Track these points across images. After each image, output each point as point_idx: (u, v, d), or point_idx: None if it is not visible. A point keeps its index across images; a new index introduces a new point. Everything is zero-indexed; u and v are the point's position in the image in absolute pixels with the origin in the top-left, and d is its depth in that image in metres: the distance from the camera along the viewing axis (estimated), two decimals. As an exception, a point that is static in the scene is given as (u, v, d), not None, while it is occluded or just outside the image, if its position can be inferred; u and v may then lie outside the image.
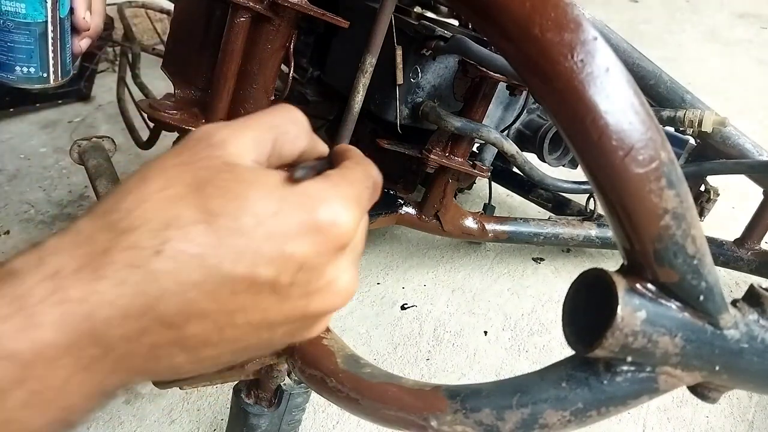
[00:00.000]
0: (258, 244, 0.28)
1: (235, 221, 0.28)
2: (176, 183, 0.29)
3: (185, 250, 0.27)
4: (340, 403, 0.46)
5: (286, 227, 0.29)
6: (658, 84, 1.18)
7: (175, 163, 0.30)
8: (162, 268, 0.27)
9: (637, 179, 0.34)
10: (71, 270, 0.26)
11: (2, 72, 0.65)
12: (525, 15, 0.33)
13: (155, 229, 0.27)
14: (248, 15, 0.67)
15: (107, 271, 0.26)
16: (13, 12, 0.62)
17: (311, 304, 0.31)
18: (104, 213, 0.28)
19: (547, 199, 1.40)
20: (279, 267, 0.29)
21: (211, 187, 0.28)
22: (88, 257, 0.27)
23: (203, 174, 0.29)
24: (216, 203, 0.28)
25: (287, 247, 0.29)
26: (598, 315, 0.37)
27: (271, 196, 0.29)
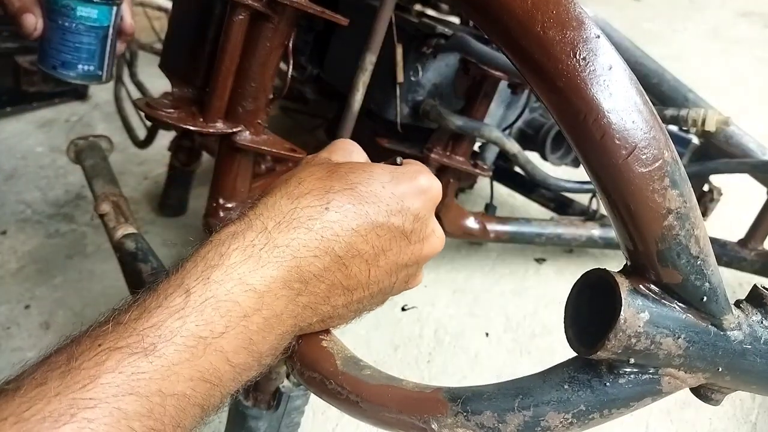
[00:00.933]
0: (387, 200, 0.40)
1: (368, 186, 0.40)
2: (318, 171, 0.41)
3: (343, 206, 0.38)
4: (339, 406, 0.46)
5: (402, 189, 0.41)
6: (661, 83, 1.18)
7: (308, 165, 0.42)
8: (332, 218, 0.38)
9: (640, 179, 0.34)
10: (273, 225, 0.37)
11: (64, 69, 0.72)
12: (526, 12, 0.33)
13: (320, 195, 0.38)
14: (247, 13, 0.67)
15: (297, 224, 0.37)
16: (86, 17, 0.70)
17: (425, 248, 0.44)
18: (278, 190, 0.39)
19: (550, 198, 1.39)
20: (403, 217, 0.41)
21: (342, 169, 0.40)
22: (281, 215, 0.37)
23: (332, 166, 0.41)
24: (352, 177, 0.40)
25: (405, 202, 0.41)
26: (601, 316, 0.36)
27: (384, 171, 0.41)
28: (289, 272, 0.36)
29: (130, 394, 0.29)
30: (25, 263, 1.17)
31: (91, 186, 0.88)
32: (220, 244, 0.36)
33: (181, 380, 0.31)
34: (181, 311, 0.32)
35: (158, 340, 0.31)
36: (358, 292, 0.41)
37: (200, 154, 1.27)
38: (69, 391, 0.28)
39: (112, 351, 0.30)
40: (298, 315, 0.38)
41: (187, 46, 0.75)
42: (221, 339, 0.33)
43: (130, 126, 1.39)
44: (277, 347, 0.38)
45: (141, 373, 0.30)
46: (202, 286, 0.34)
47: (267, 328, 0.36)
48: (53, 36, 0.70)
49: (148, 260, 0.72)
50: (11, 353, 0.98)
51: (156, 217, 1.37)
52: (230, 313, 0.34)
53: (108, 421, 0.28)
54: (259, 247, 0.36)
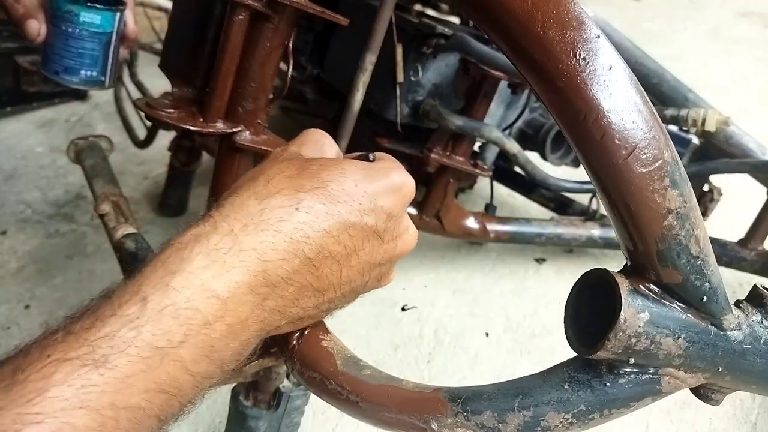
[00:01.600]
0: (360, 199, 0.39)
1: (341, 185, 0.38)
2: (287, 168, 0.39)
3: (314, 206, 0.37)
4: (339, 406, 0.46)
5: (374, 187, 0.40)
6: (661, 83, 1.18)
7: (277, 161, 0.41)
8: (302, 219, 0.36)
9: (640, 179, 0.34)
10: (240, 228, 0.35)
11: (67, 75, 0.72)
12: (526, 12, 0.33)
13: (290, 194, 0.37)
14: (247, 13, 0.67)
15: (265, 226, 0.35)
16: (89, 22, 0.70)
17: (398, 246, 0.43)
18: (245, 190, 0.38)
19: (550, 198, 1.39)
20: (376, 216, 0.40)
21: (314, 166, 0.39)
22: (249, 217, 0.36)
23: (302, 163, 0.40)
24: (324, 175, 0.38)
25: (378, 201, 0.40)
26: (601, 316, 0.36)
27: (357, 168, 0.40)
28: (256, 277, 0.35)
29: (80, 407, 0.28)
30: (25, 263, 1.17)
31: (91, 186, 0.88)
32: (183, 247, 0.34)
33: (135, 392, 0.30)
34: (136, 320, 0.31)
35: (110, 351, 0.30)
36: (329, 293, 0.40)
37: (200, 154, 1.27)
38: (14, 405, 0.27)
39: (61, 362, 0.29)
40: (265, 320, 0.37)
41: (187, 46, 0.75)
42: (180, 348, 0.32)
43: (130, 126, 1.39)
44: (241, 353, 0.37)
45: (92, 386, 0.29)
46: (160, 294, 0.32)
47: (230, 335, 0.34)
48: (56, 41, 0.71)
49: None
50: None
51: (156, 217, 1.37)
52: (190, 322, 0.32)
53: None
54: (224, 251, 0.34)
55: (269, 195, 0.37)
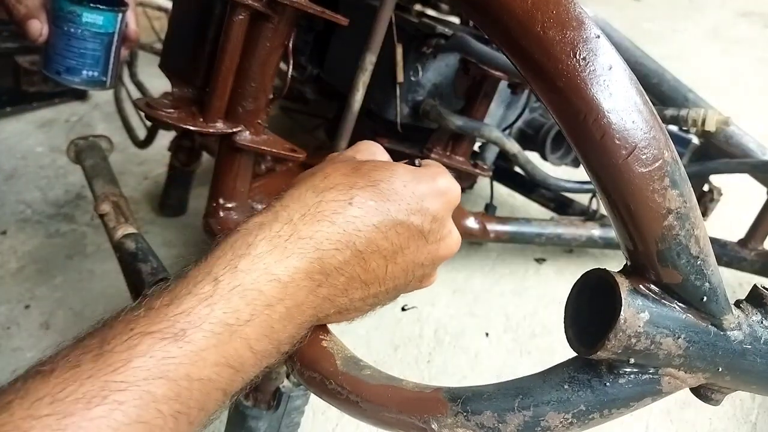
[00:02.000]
0: (408, 199, 0.41)
1: (390, 184, 0.41)
2: (342, 167, 0.42)
3: (366, 202, 0.39)
4: (339, 406, 0.46)
5: (422, 189, 0.42)
6: (661, 83, 1.18)
7: (334, 161, 0.44)
8: (354, 213, 0.39)
9: (640, 179, 0.34)
10: (298, 217, 0.38)
11: (68, 75, 0.72)
12: (526, 12, 0.33)
13: (344, 190, 0.40)
14: (247, 13, 0.67)
15: (321, 217, 0.38)
16: (91, 23, 0.70)
17: (441, 248, 0.45)
18: (304, 183, 0.41)
19: (550, 198, 1.39)
20: (422, 217, 0.42)
21: (366, 166, 0.42)
22: (306, 208, 0.38)
23: (356, 164, 0.43)
24: (375, 174, 0.41)
25: (425, 203, 0.42)
26: (601, 316, 0.36)
27: (406, 171, 0.42)
28: (312, 264, 0.37)
29: (160, 377, 0.30)
30: (25, 263, 1.17)
31: (91, 186, 0.88)
32: (248, 233, 0.37)
33: (207, 365, 0.33)
34: (210, 299, 0.34)
35: (188, 326, 0.32)
36: (375, 287, 0.42)
37: (200, 154, 1.27)
38: (101, 373, 0.29)
39: (143, 336, 0.31)
40: (318, 306, 0.39)
41: (187, 46, 0.75)
42: (246, 326, 0.34)
43: (130, 126, 1.39)
44: (295, 336, 0.39)
45: (171, 358, 0.31)
46: (230, 275, 0.35)
47: (288, 317, 0.37)
48: (58, 42, 0.71)
49: (148, 260, 0.72)
50: (11, 353, 0.98)
51: (156, 217, 1.37)
52: (255, 302, 0.35)
53: (138, 403, 0.29)
54: (285, 237, 0.37)
55: (325, 189, 0.40)
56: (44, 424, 0.27)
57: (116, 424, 0.28)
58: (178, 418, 0.31)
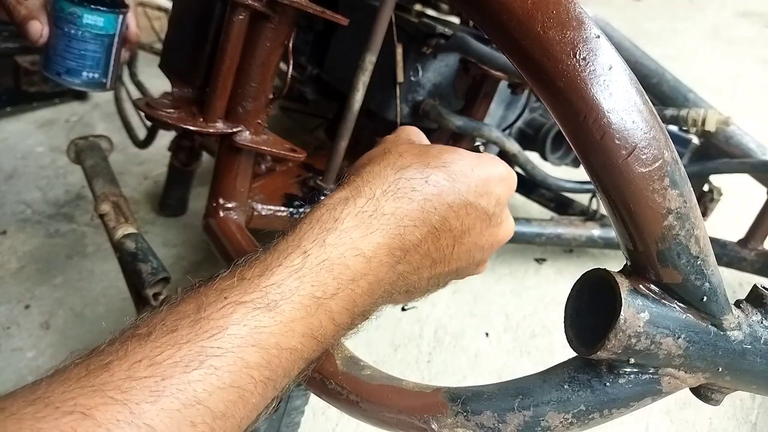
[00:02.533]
0: (476, 182, 0.42)
1: (460, 167, 0.42)
2: (413, 148, 0.43)
3: (440, 182, 0.40)
4: (339, 406, 0.46)
5: (488, 173, 0.43)
6: (660, 83, 1.18)
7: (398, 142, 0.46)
8: (430, 191, 0.40)
9: (640, 179, 0.34)
10: (380, 193, 0.39)
11: (69, 76, 0.72)
12: (526, 12, 0.33)
13: (420, 168, 0.41)
14: (247, 13, 0.67)
15: (402, 194, 0.39)
16: (92, 24, 0.70)
17: (500, 232, 0.46)
18: (381, 160, 0.42)
19: (550, 198, 1.39)
20: (488, 200, 0.43)
21: (436, 149, 0.43)
22: (387, 185, 0.39)
23: (423, 145, 0.44)
24: (445, 156, 0.42)
25: (489, 186, 0.43)
26: (601, 316, 0.36)
27: (472, 155, 0.43)
28: (394, 240, 0.38)
29: (253, 345, 0.32)
30: (25, 263, 1.17)
31: (91, 186, 0.88)
32: (333, 208, 0.38)
33: (295, 336, 0.34)
34: (300, 271, 0.35)
35: (279, 297, 0.34)
36: (441, 266, 0.43)
37: (200, 154, 1.27)
38: (198, 339, 0.31)
39: (237, 305, 0.33)
40: (394, 282, 0.40)
41: (187, 46, 0.75)
42: (331, 300, 0.36)
43: (130, 126, 1.38)
44: (370, 311, 0.40)
45: (263, 327, 0.33)
46: (318, 249, 0.36)
47: (369, 292, 0.38)
48: (59, 43, 0.70)
49: (148, 260, 0.72)
50: (11, 353, 0.98)
51: (156, 217, 1.37)
52: (341, 276, 0.36)
53: (232, 369, 0.31)
54: (369, 213, 0.38)
55: (403, 167, 0.40)
56: (144, 385, 0.28)
57: (212, 387, 0.30)
58: (267, 384, 0.33)
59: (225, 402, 0.30)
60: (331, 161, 0.88)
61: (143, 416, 0.27)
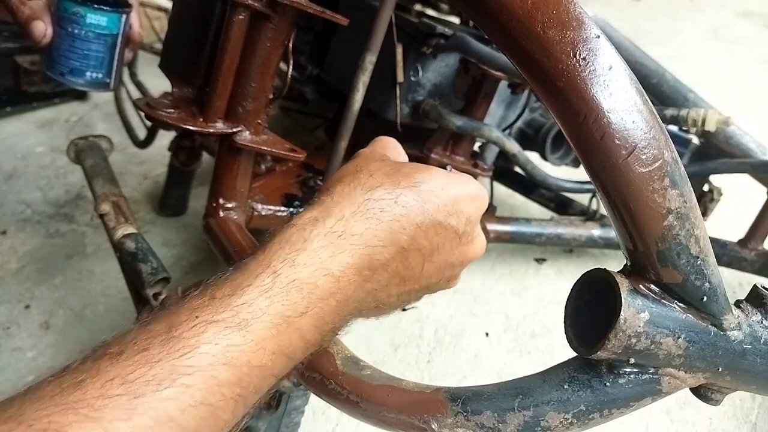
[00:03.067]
0: (446, 201, 0.43)
1: (431, 187, 0.42)
2: (385, 166, 0.43)
3: (410, 202, 0.41)
4: (339, 406, 0.46)
5: (458, 192, 0.44)
6: (660, 83, 1.18)
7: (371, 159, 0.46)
8: (399, 212, 0.41)
9: (640, 179, 0.34)
10: (350, 214, 0.39)
11: (72, 76, 0.72)
12: (526, 12, 0.33)
13: (390, 189, 0.41)
14: (247, 13, 0.67)
15: (370, 215, 0.40)
16: (95, 24, 0.70)
17: (470, 250, 0.46)
18: (350, 180, 0.42)
19: (550, 198, 1.39)
20: (458, 219, 0.44)
21: (407, 168, 0.43)
22: (356, 205, 0.40)
23: (396, 164, 0.44)
24: (416, 176, 0.42)
25: (460, 205, 0.44)
26: (601, 316, 0.36)
27: (443, 174, 0.44)
28: (362, 260, 0.39)
29: (224, 363, 0.32)
30: (26, 263, 1.17)
31: (91, 186, 0.88)
32: (302, 228, 0.39)
33: (266, 354, 0.35)
34: (270, 291, 0.36)
35: (250, 317, 0.34)
36: (410, 284, 0.44)
37: (200, 154, 1.27)
38: (170, 357, 0.31)
39: (209, 324, 0.33)
40: (362, 300, 0.41)
41: (187, 46, 0.75)
42: (301, 318, 0.36)
43: (130, 126, 1.39)
44: (339, 328, 0.41)
45: (234, 345, 0.33)
46: (288, 268, 0.37)
47: (337, 310, 0.39)
48: (62, 43, 0.70)
49: (148, 260, 0.72)
50: (11, 353, 0.98)
51: (156, 217, 1.37)
52: (311, 295, 0.37)
53: (204, 387, 0.31)
54: (338, 234, 0.39)
55: (372, 187, 0.41)
56: (116, 403, 0.28)
57: (184, 405, 0.30)
58: (238, 401, 0.34)
59: (197, 419, 0.31)
60: (331, 161, 0.88)
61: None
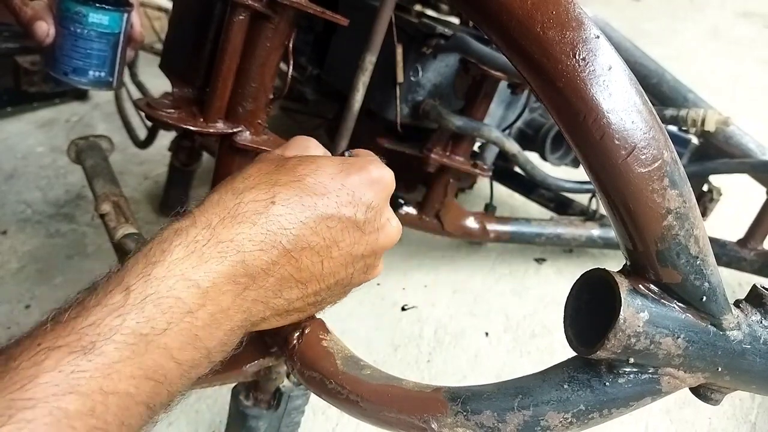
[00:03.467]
0: (337, 192, 0.40)
1: (316, 178, 0.40)
2: (265, 166, 0.41)
3: (290, 198, 0.38)
4: (339, 405, 0.46)
5: (352, 180, 0.41)
6: (660, 83, 1.18)
7: (258, 161, 0.43)
8: (278, 212, 0.38)
9: (640, 179, 0.34)
10: (217, 221, 0.36)
11: (75, 75, 0.73)
12: (526, 13, 0.33)
13: (266, 188, 0.38)
14: (247, 13, 0.67)
15: (242, 218, 0.37)
16: (97, 23, 0.70)
17: (380, 238, 0.44)
18: (224, 187, 0.39)
19: (549, 198, 1.39)
20: (354, 207, 0.41)
21: (290, 163, 0.41)
22: (226, 211, 0.37)
23: (280, 160, 0.42)
24: (300, 169, 0.40)
25: (356, 193, 0.41)
26: (601, 316, 0.36)
27: (334, 163, 0.42)
28: (234, 267, 0.36)
29: (70, 393, 0.29)
30: (26, 263, 1.17)
31: (91, 186, 0.88)
32: (163, 241, 0.35)
33: (123, 378, 0.31)
34: (121, 309, 0.32)
35: (97, 338, 0.31)
36: (313, 285, 0.41)
37: (200, 154, 1.27)
38: (7, 392, 0.28)
39: (51, 350, 0.30)
40: (248, 310, 0.38)
41: (187, 46, 0.75)
42: (164, 336, 0.33)
43: (130, 126, 1.39)
44: (226, 342, 0.37)
45: (81, 372, 0.29)
46: (142, 283, 0.33)
47: (213, 323, 0.35)
48: (65, 42, 0.71)
49: (148, 260, 0.72)
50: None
51: (156, 217, 1.37)
52: (172, 310, 0.33)
53: (48, 420, 0.28)
54: (203, 243, 0.35)
55: (245, 190, 0.38)
56: None
57: None
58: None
59: None
60: (331, 161, 0.88)
61: None
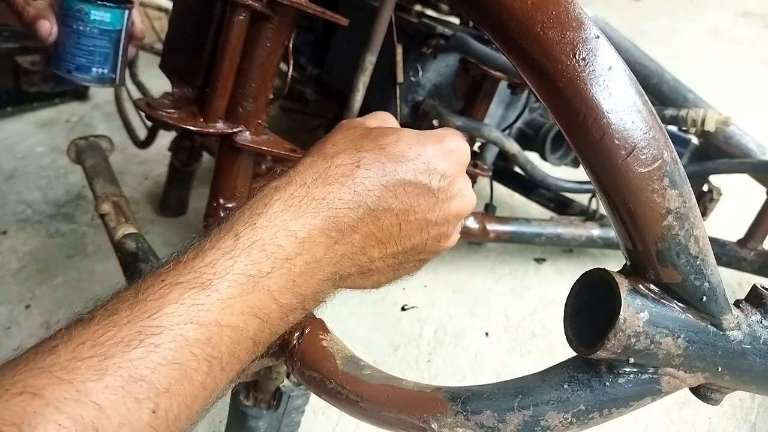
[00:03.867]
0: (414, 160, 0.44)
1: (396, 147, 0.43)
2: (351, 134, 0.45)
3: (373, 163, 0.42)
4: (339, 405, 0.46)
5: (428, 150, 0.44)
6: (660, 83, 1.18)
7: (343, 128, 0.46)
8: (362, 174, 0.42)
9: (640, 179, 0.34)
10: (311, 181, 0.41)
11: (79, 73, 0.73)
12: (526, 13, 0.33)
13: (352, 153, 0.42)
14: (247, 13, 0.67)
15: (332, 180, 0.41)
16: (99, 20, 0.71)
17: (452, 206, 0.46)
18: (315, 151, 0.43)
19: (549, 198, 1.39)
20: (430, 176, 0.44)
21: (374, 133, 0.45)
22: (318, 172, 0.41)
23: (365, 129, 0.46)
24: (382, 139, 0.44)
25: (432, 162, 0.44)
26: (601, 316, 0.36)
27: (412, 134, 0.45)
28: (326, 221, 0.40)
29: (191, 322, 0.33)
30: (26, 263, 1.17)
31: (91, 186, 0.88)
32: (264, 196, 0.40)
33: (234, 313, 0.35)
34: (232, 252, 0.36)
35: (213, 277, 0.35)
36: (392, 246, 0.45)
37: (200, 154, 1.27)
38: (137, 319, 0.32)
39: (173, 285, 0.34)
40: (337, 263, 0.42)
41: (187, 46, 0.75)
42: (267, 278, 0.37)
43: (130, 126, 1.39)
44: (319, 293, 0.42)
45: (200, 305, 0.34)
46: (249, 231, 0.38)
47: (309, 272, 0.39)
48: (67, 40, 0.71)
49: (148, 260, 0.72)
50: (12, 353, 0.98)
51: (156, 217, 1.37)
52: (275, 255, 0.37)
53: (172, 346, 0.32)
54: (299, 198, 0.40)
55: (334, 155, 0.42)
56: (88, 365, 0.30)
57: (153, 364, 0.31)
58: (211, 362, 0.34)
59: (168, 378, 0.31)
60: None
61: (89, 393, 0.29)
